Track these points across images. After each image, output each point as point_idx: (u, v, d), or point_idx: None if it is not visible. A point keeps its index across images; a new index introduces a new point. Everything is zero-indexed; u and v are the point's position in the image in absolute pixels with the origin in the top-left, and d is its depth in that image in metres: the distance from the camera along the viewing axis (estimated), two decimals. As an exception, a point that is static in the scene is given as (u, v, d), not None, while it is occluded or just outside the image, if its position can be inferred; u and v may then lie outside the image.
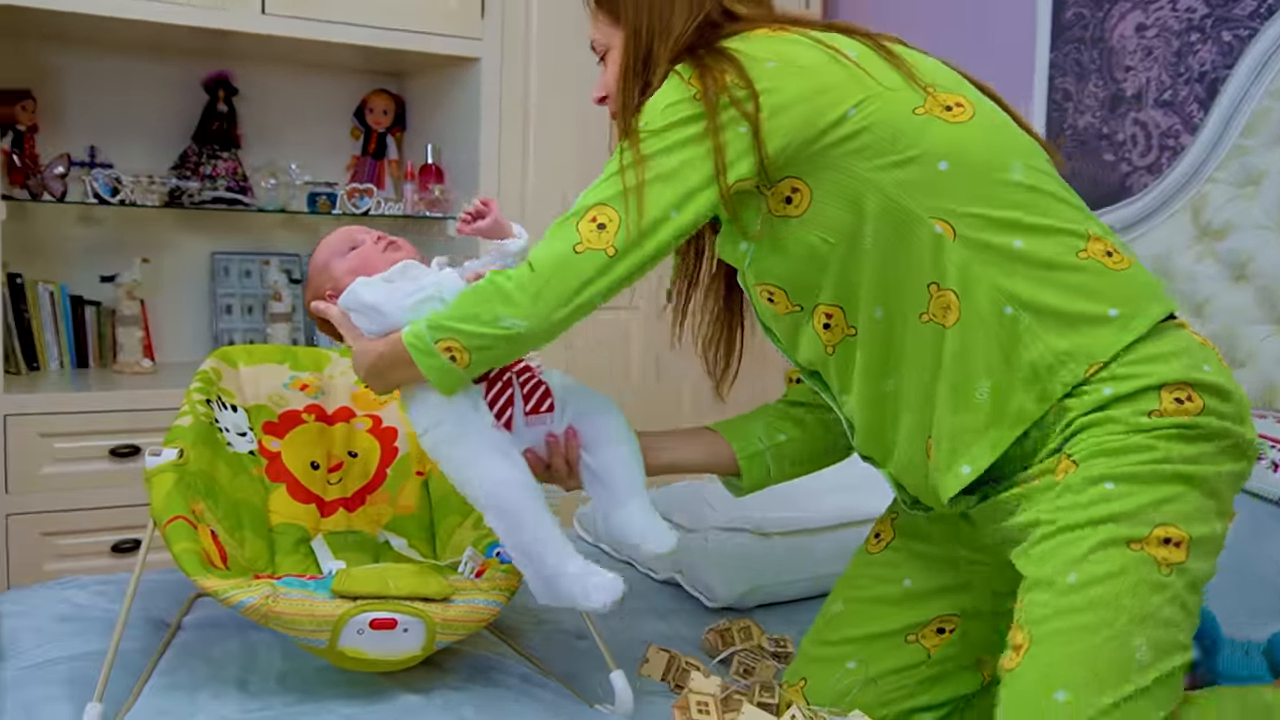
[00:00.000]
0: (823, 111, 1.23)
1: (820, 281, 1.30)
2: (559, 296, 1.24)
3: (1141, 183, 2.49)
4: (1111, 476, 1.16)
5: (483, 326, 1.26)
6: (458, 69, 2.94)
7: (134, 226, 2.95)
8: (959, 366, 1.24)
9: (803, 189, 1.26)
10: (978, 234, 1.23)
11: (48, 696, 1.31)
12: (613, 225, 1.23)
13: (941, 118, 1.25)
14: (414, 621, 1.32)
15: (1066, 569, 1.15)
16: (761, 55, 1.25)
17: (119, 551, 2.54)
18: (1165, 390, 1.18)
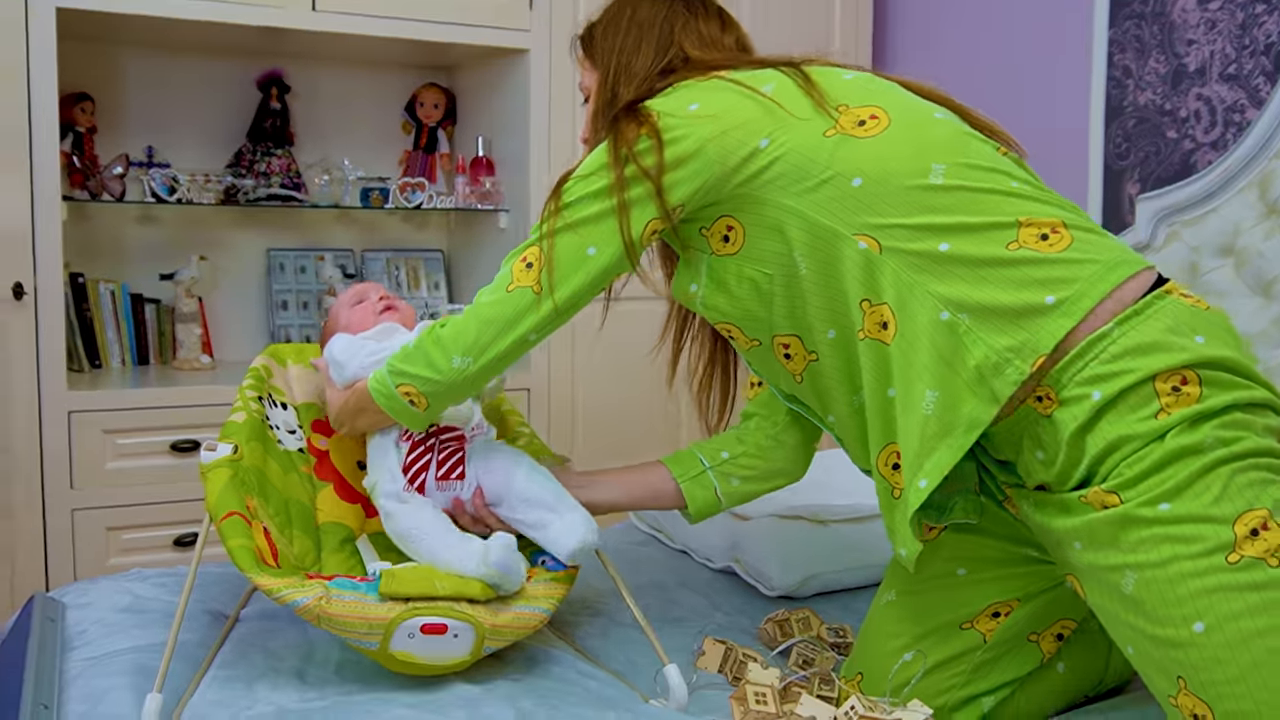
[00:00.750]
0: (733, 149, 1.30)
1: (769, 314, 1.36)
2: (496, 332, 1.35)
3: (1206, 160, 2.42)
4: (1162, 496, 1.13)
5: (435, 372, 1.38)
6: (506, 61, 2.94)
7: (191, 225, 2.99)
8: (904, 380, 1.25)
9: (736, 226, 1.33)
10: (902, 244, 1.24)
11: (111, 686, 1.33)
12: (537, 265, 1.34)
13: (853, 134, 1.29)
14: (464, 627, 1.33)
15: (1188, 620, 1.12)
16: (678, 106, 1.32)
17: (181, 545, 2.57)
18: (1158, 381, 1.15)
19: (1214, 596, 1.10)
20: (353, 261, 3.16)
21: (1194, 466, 1.13)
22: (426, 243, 3.30)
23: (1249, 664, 1.09)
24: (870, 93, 1.34)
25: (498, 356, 1.36)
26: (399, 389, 1.41)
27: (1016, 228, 1.23)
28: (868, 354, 1.28)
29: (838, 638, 1.61)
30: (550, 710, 1.32)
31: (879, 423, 1.30)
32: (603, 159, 1.33)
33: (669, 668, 1.41)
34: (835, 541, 1.81)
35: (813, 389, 1.39)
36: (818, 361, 1.36)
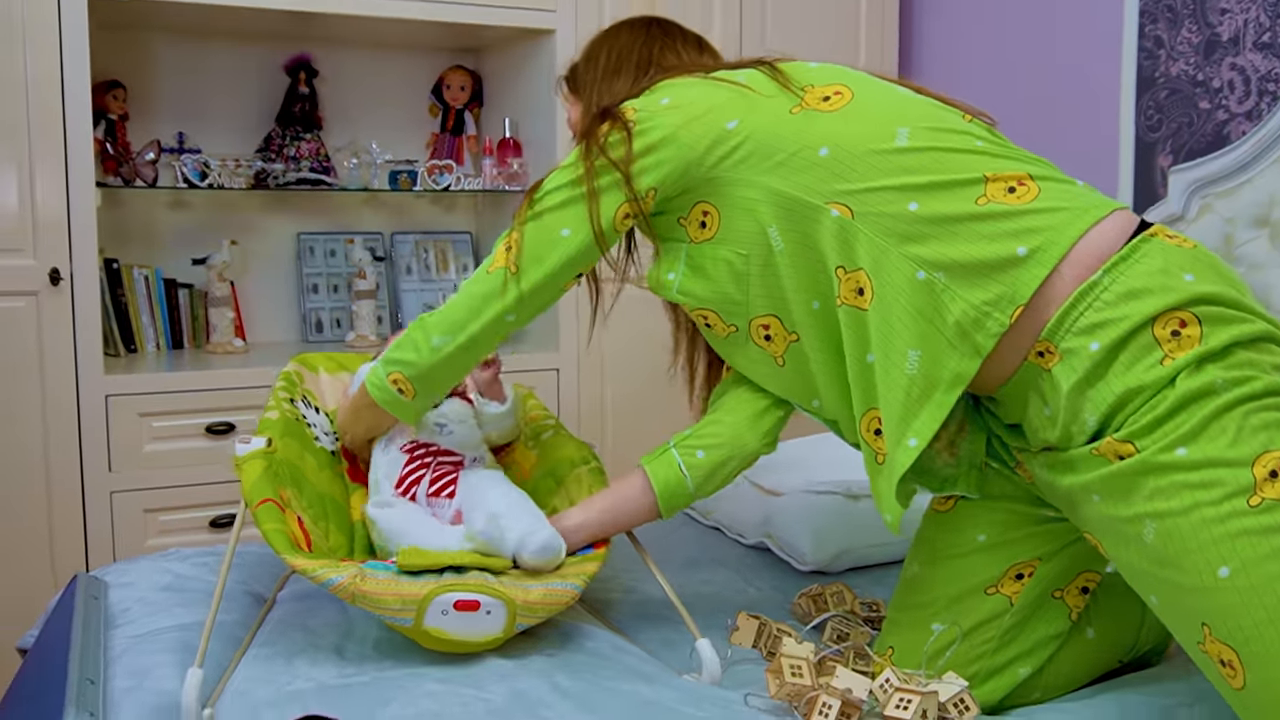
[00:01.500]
0: (701, 134, 1.35)
1: (746, 296, 1.39)
2: (472, 312, 1.42)
3: (1240, 130, 2.40)
4: (1178, 441, 1.13)
5: (417, 355, 1.45)
6: (533, 42, 2.94)
7: (221, 209, 3.01)
8: (884, 343, 1.27)
9: (712, 210, 1.38)
10: (873, 207, 1.27)
11: (156, 663, 1.35)
12: (515, 248, 1.41)
13: (816, 109, 1.34)
14: (496, 604, 1.34)
15: (1211, 566, 1.12)
16: (649, 102, 1.39)
17: (217, 526, 2.61)
18: (1156, 326, 1.16)
19: (1237, 541, 1.10)
20: (382, 244, 3.18)
21: (1207, 409, 1.13)
22: (454, 225, 3.31)
23: (1276, 605, 1.09)
24: (836, 75, 1.40)
25: (473, 336, 1.43)
26: (389, 378, 1.48)
27: (984, 183, 1.26)
28: (846, 321, 1.31)
29: (871, 612, 1.62)
30: (586, 684, 1.33)
31: (859, 389, 1.32)
32: (576, 155, 1.41)
33: (701, 642, 1.41)
34: (867, 516, 1.82)
35: (795, 372, 1.42)
36: (799, 342, 1.39)
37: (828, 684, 1.24)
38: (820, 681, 1.26)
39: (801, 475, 1.91)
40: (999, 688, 1.40)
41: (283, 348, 2.99)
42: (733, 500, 1.97)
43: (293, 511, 1.45)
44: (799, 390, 1.44)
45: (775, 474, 1.94)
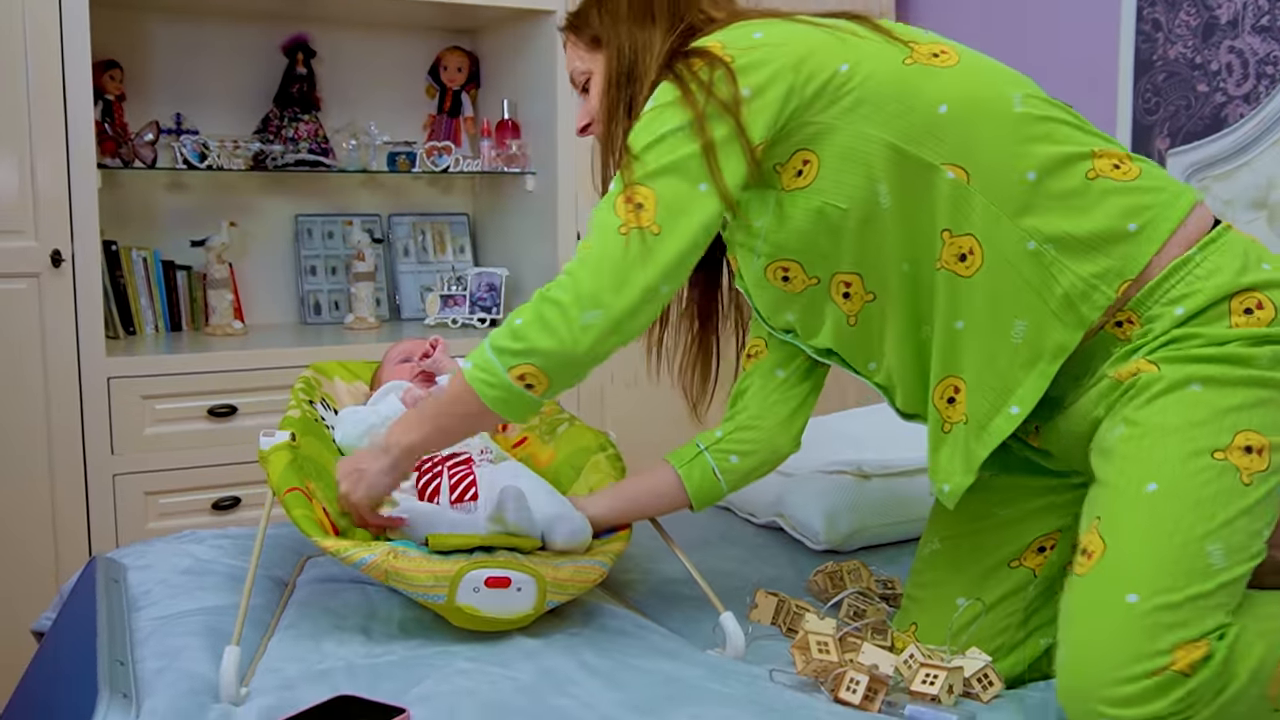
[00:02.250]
0: (811, 75, 1.26)
1: (838, 249, 1.32)
2: (616, 280, 1.25)
3: (1238, 113, 2.42)
4: (1198, 378, 1.18)
5: (557, 339, 1.25)
6: (531, 23, 2.93)
7: (219, 191, 3.00)
8: (991, 311, 1.26)
9: (812, 159, 1.28)
10: (990, 173, 1.24)
11: (185, 645, 1.36)
12: (649, 204, 1.24)
13: (929, 65, 1.28)
14: (527, 580, 1.35)
15: (1147, 477, 1.17)
16: (740, 36, 1.28)
17: (219, 509, 2.61)
18: (1235, 300, 1.21)
19: (1181, 471, 1.16)
20: (380, 226, 3.18)
21: (1238, 373, 1.18)
22: (452, 206, 3.31)
23: (1163, 533, 1.14)
24: (931, 36, 1.34)
25: (629, 309, 1.25)
26: (511, 372, 1.27)
27: (1092, 158, 1.26)
28: (941, 285, 1.28)
29: (887, 589, 1.64)
30: (612, 662, 1.35)
31: (942, 356, 1.31)
32: (672, 92, 1.27)
33: (725, 615, 1.43)
34: (880, 495, 1.84)
35: (863, 331, 1.37)
36: (874, 302, 1.34)
37: (853, 660, 1.26)
38: (845, 658, 1.28)
39: (812, 455, 1.92)
40: (1022, 660, 1.42)
41: (281, 330, 2.99)
42: (743, 480, 1.99)
43: (318, 501, 1.47)
44: (860, 351, 1.40)
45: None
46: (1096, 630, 1.15)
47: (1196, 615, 1.12)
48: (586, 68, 1.44)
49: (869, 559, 1.78)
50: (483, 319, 3.02)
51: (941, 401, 1.33)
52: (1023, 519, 1.43)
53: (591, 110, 1.43)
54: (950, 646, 1.35)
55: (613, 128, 1.38)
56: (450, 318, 3.03)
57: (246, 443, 2.60)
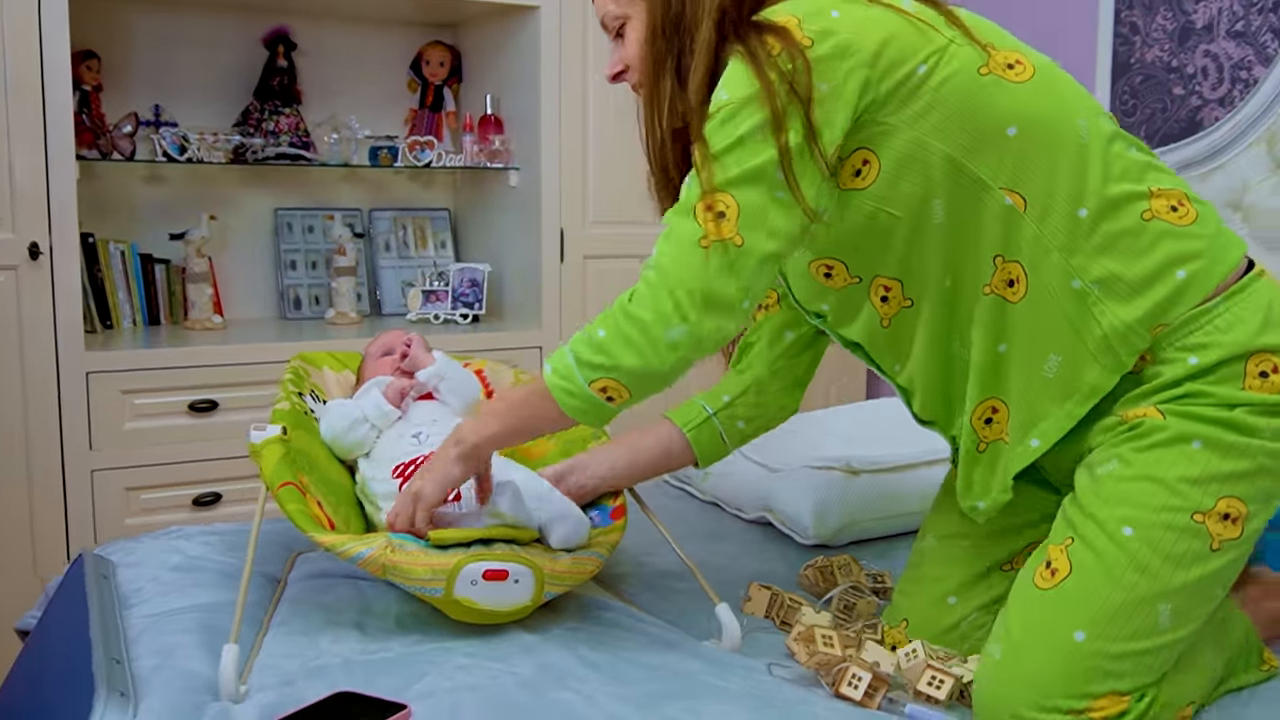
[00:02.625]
0: (889, 71, 1.18)
1: (885, 253, 1.28)
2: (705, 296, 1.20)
3: (1213, 116, 2.46)
4: (1200, 437, 1.17)
5: (641, 357, 1.22)
6: (514, 19, 2.93)
7: (198, 184, 2.97)
8: (1027, 341, 1.24)
9: (873, 160, 1.22)
10: (1046, 204, 1.21)
11: (180, 643, 1.35)
12: (730, 213, 1.18)
13: (1005, 77, 1.21)
14: (524, 572, 1.35)
15: (1126, 520, 1.17)
16: (818, 13, 1.18)
17: (200, 504, 2.59)
18: (1252, 361, 1.18)
19: (1158, 521, 1.16)
20: (360, 221, 3.16)
21: (1240, 441, 1.17)
22: (433, 201, 3.30)
23: (1125, 581, 1.16)
24: (1002, 36, 1.27)
25: (714, 326, 1.21)
26: (593, 385, 1.25)
27: (1149, 197, 1.22)
28: (988, 309, 1.26)
29: (877, 583, 1.65)
30: (610, 656, 1.35)
31: (982, 377, 1.28)
32: (748, 84, 1.18)
33: (721, 606, 1.44)
34: (869, 490, 1.85)
35: (895, 335, 1.34)
36: (911, 308, 1.31)
37: (855, 655, 1.27)
38: (847, 653, 1.29)
39: (800, 451, 1.94)
40: None
41: (261, 325, 2.97)
42: (731, 476, 2.00)
43: (312, 495, 1.46)
44: (888, 352, 1.37)
45: (773, 450, 1.97)
46: (1036, 652, 1.18)
47: (1130, 670, 1.15)
48: (622, 11, 1.33)
49: (858, 553, 1.79)
50: (465, 314, 3.02)
51: (979, 422, 1.31)
52: (1019, 526, 1.44)
53: (628, 59, 1.34)
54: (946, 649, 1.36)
55: (658, 84, 1.29)
56: (433, 313, 3.02)
57: (228, 438, 2.59)
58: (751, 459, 2.00)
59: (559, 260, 2.94)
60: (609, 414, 1.29)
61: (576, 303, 2.97)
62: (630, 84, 1.36)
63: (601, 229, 3.00)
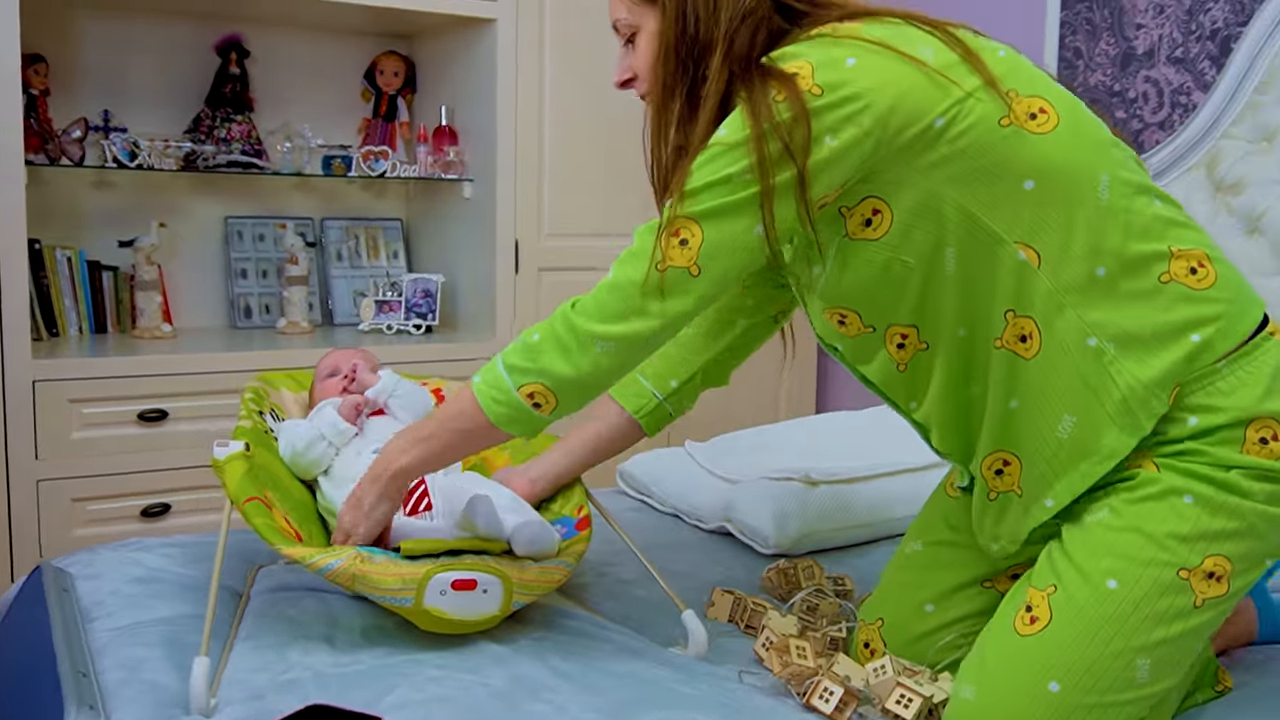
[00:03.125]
0: (902, 129, 1.16)
1: (898, 304, 1.26)
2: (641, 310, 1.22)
3: (1154, 139, 2.54)
4: (1193, 493, 1.17)
5: (571, 363, 1.24)
6: (470, 30, 2.94)
7: (147, 191, 2.94)
8: (1039, 399, 1.23)
9: (884, 210, 1.21)
10: (1062, 262, 1.19)
11: (147, 656, 1.34)
12: (694, 244, 1.20)
13: (1026, 129, 1.18)
14: (493, 582, 1.36)
15: (1111, 572, 1.17)
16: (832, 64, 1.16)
17: (148, 516, 2.55)
18: (1252, 426, 1.18)
19: (1144, 575, 1.16)
20: (312, 230, 3.14)
21: (1231, 502, 1.17)
22: (385, 211, 3.29)
23: (1105, 634, 1.16)
24: (1030, 79, 1.23)
25: (647, 339, 1.24)
26: (521, 390, 1.26)
27: (1169, 258, 1.20)
28: (999, 363, 1.24)
29: (838, 586, 1.68)
30: (581, 665, 1.36)
31: (994, 429, 1.27)
32: (741, 127, 1.17)
33: (687, 614, 1.46)
34: (827, 501, 1.88)
35: (911, 377, 1.33)
36: (927, 351, 1.29)
37: (829, 667, 1.29)
38: (819, 664, 1.31)
39: (759, 462, 1.97)
40: None
41: (210, 333, 2.94)
42: (690, 487, 2.02)
43: (278, 510, 1.46)
44: (905, 391, 1.35)
45: (732, 461, 1.99)
46: (1010, 699, 1.18)
47: None
48: (634, 20, 1.30)
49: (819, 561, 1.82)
50: (418, 325, 3.01)
51: (989, 472, 1.30)
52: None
53: (638, 71, 1.32)
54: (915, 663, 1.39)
55: (667, 106, 1.28)
56: (385, 323, 3.01)
57: (178, 448, 2.56)
58: (711, 471, 2.02)
59: (513, 272, 2.95)
60: (538, 423, 1.29)
61: (530, 315, 2.98)
62: (639, 93, 1.35)
63: (556, 241, 3.01)
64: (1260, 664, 1.45)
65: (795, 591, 1.65)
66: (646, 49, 1.30)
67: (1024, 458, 1.27)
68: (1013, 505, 1.31)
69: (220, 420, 2.59)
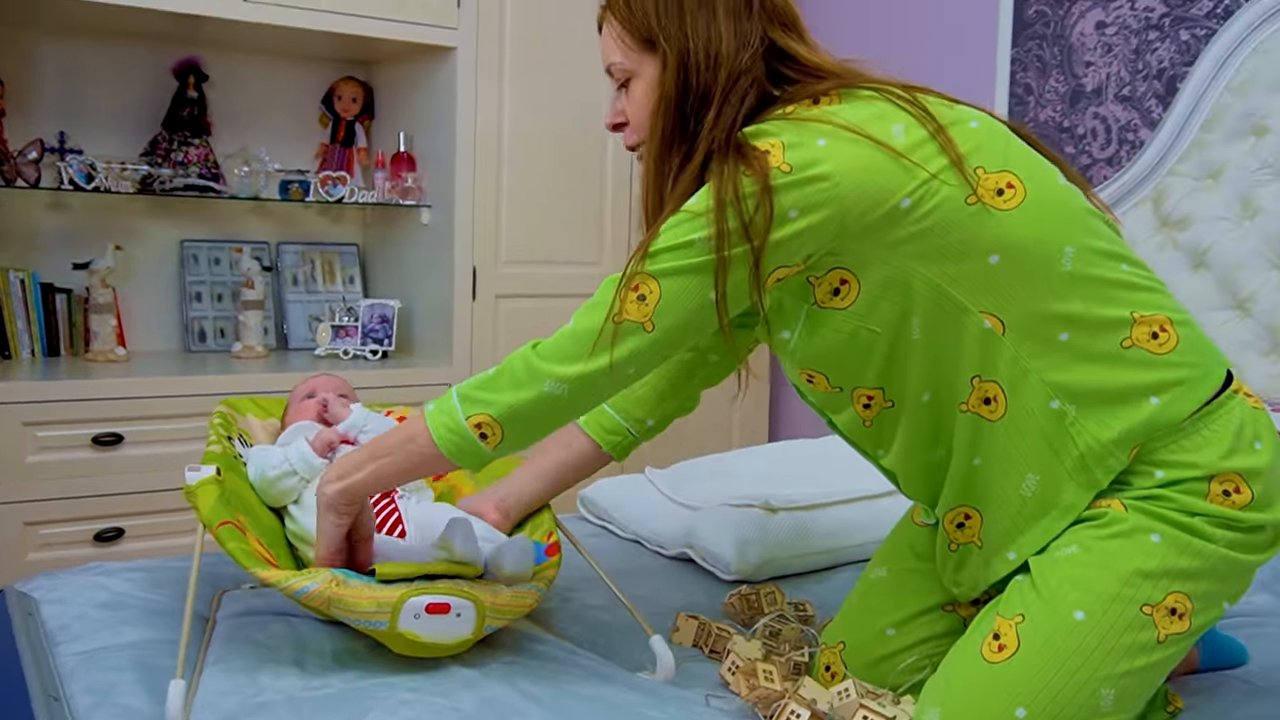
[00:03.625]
0: (866, 211, 1.19)
1: (865, 368, 1.30)
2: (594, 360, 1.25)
3: (1102, 175, 2.62)
4: (1158, 532, 1.22)
5: (521, 393, 1.26)
6: (430, 58, 2.96)
7: (102, 213, 2.92)
8: (1003, 459, 1.27)
9: (851, 281, 1.24)
10: (1026, 329, 1.23)
11: (118, 681, 1.33)
12: (651, 300, 1.23)
13: (992, 205, 1.22)
14: (466, 605, 1.37)
15: (1078, 605, 1.21)
16: (805, 143, 1.20)
17: (101, 540, 2.52)
18: (1215, 481, 1.23)
19: (1109, 609, 1.20)
20: (268, 254, 3.14)
21: (1194, 544, 1.22)
22: (342, 236, 3.29)
23: (1071, 665, 1.19)
24: (1001, 153, 1.26)
25: (595, 387, 1.27)
26: (470, 420, 1.28)
27: (1131, 324, 1.24)
28: (964, 426, 1.28)
29: (800, 612, 1.71)
30: (551, 689, 1.38)
31: (957, 486, 1.32)
32: (707, 200, 1.21)
33: (655, 639, 1.47)
34: (786, 529, 1.91)
35: (877, 431, 1.37)
36: (893, 409, 1.33)
37: (795, 691, 1.31)
38: (785, 687, 1.34)
39: (719, 489, 2.00)
40: None
41: (165, 357, 2.92)
42: (651, 513, 2.04)
43: (251, 534, 1.46)
44: (872, 442, 1.40)
45: (692, 488, 2.02)
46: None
47: None
48: (630, 67, 1.31)
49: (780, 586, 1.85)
50: (375, 350, 3.01)
51: (951, 525, 1.35)
52: None
53: (632, 118, 1.33)
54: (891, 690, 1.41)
55: (664, 159, 1.30)
56: (342, 348, 3.01)
57: (132, 472, 2.53)
58: (672, 498, 2.04)
59: (471, 298, 2.96)
60: (483, 457, 1.31)
61: (488, 341, 2.99)
62: (627, 143, 1.36)
63: (514, 268, 3.03)
64: (1208, 689, 1.49)
65: (758, 617, 1.68)
66: (644, 98, 1.31)
67: (986, 513, 1.31)
68: (973, 556, 1.35)
69: (175, 444, 2.57)
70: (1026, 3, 2.77)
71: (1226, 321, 2.33)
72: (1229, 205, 2.34)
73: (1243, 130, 2.33)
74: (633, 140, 1.35)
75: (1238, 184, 2.32)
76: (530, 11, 2.96)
